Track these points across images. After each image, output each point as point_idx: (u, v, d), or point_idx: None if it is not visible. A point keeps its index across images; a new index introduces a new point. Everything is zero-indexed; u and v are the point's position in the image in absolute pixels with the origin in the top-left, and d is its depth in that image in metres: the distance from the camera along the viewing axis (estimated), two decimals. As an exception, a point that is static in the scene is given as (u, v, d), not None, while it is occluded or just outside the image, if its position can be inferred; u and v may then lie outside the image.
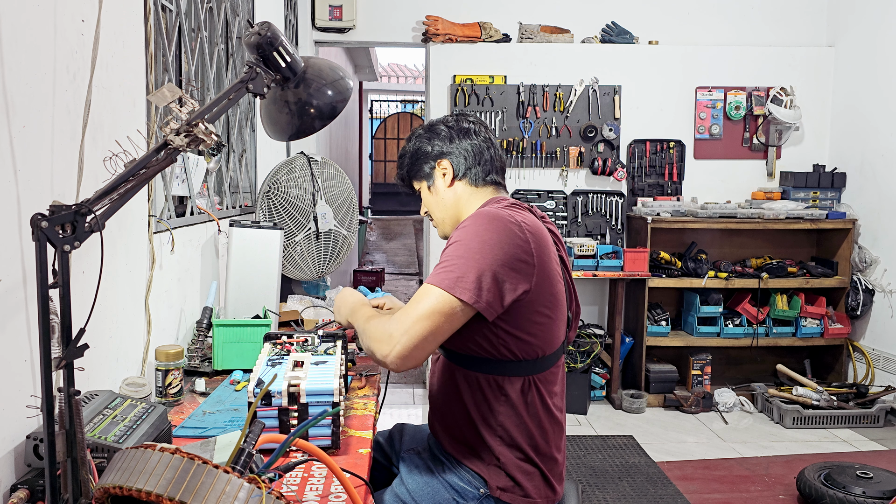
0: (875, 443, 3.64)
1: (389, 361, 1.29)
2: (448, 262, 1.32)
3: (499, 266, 1.31)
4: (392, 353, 1.28)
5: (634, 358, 4.31)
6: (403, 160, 1.62)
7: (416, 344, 1.29)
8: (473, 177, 1.53)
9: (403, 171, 1.62)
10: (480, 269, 1.30)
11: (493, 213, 1.37)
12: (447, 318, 1.30)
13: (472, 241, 1.32)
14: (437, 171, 1.55)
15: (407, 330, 1.28)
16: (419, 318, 1.28)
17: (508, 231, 1.33)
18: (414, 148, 1.58)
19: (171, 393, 1.59)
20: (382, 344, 1.29)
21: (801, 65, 4.50)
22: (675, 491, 3.02)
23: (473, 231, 1.34)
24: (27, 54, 1.15)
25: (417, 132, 1.61)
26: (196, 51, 2.32)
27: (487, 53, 4.42)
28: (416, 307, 1.29)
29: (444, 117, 1.60)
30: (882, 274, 4.08)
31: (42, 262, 0.87)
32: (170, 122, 1.01)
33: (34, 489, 1.05)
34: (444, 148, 1.54)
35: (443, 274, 1.31)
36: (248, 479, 0.79)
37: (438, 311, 1.29)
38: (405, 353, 1.29)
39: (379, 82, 12.06)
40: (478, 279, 1.29)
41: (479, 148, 1.54)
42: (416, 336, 1.28)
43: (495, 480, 1.42)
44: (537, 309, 1.38)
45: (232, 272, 2.13)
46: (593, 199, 4.46)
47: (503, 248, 1.31)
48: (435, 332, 1.30)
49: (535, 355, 1.42)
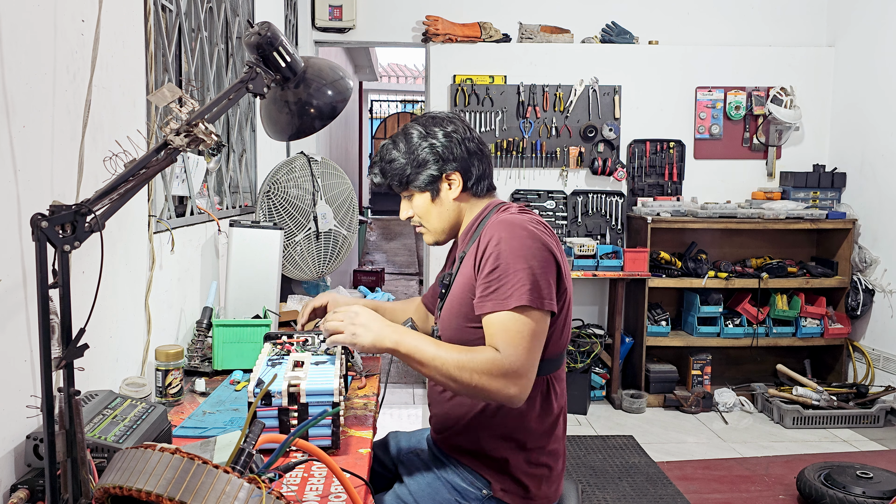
0: (875, 443, 3.64)
1: (519, 400, 1.29)
2: (509, 276, 1.31)
3: (548, 269, 1.33)
4: (523, 391, 1.28)
5: (634, 358, 4.31)
6: (399, 165, 1.48)
7: (535, 372, 1.31)
8: (480, 188, 1.51)
9: (403, 178, 1.48)
10: (544, 276, 1.32)
11: (520, 220, 1.38)
12: (544, 333, 1.33)
13: (519, 251, 1.32)
14: (444, 184, 1.48)
15: (528, 361, 1.28)
16: (532, 347, 1.29)
17: (542, 233, 1.36)
18: (421, 158, 1.46)
19: (171, 393, 1.59)
20: (507, 382, 1.26)
21: (801, 65, 4.50)
22: (675, 491, 3.02)
23: (518, 243, 1.33)
24: (27, 54, 1.15)
25: (415, 141, 1.48)
26: (196, 51, 2.32)
27: (487, 53, 4.42)
28: (521, 335, 1.28)
29: (442, 124, 1.48)
30: (882, 274, 4.08)
31: (42, 262, 0.87)
32: (170, 122, 1.01)
33: (34, 489, 1.05)
34: (454, 161, 1.46)
35: (517, 291, 1.29)
36: (248, 479, 0.79)
37: (541, 330, 1.32)
38: (530, 385, 1.30)
39: (379, 82, 12.06)
40: (548, 285, 1.32)
41: (488, 160, 1.52)
42: (535, 364, 1.30)
43: (499, 482, 1.42)
44: (565, 305, 1.41)
45: (232, 272, 2.13)
46: (593, 199, 4.46)
47: (543, 254, 1.33)
48: (540, 351, 1.32)
49: (556, 353, 1.42)
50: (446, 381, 1.29)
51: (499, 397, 1.27)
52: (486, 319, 1.32)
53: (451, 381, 1.28)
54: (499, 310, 1.30)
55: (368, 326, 1.33)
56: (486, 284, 1.33)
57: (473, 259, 1.40)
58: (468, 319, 1.38)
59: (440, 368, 1.28)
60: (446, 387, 1.31)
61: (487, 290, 1.32)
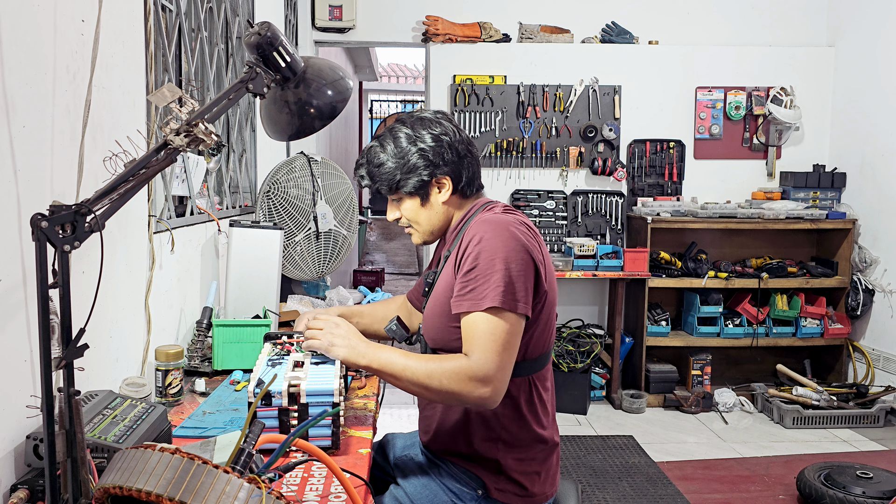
0: (875, 443, 3.64)
1: (493, 402, 1.29)
2: (486, 276, 1.31)
3: (527, 272, 1.33)
4: (496, 392, 1.28)
5: (634, 358, 4.31)
6: (388, 170, 1.45)
7: (509, 373, 1.31)
8: (469, 190, 1.51)
9: (393, 183, 1.46)
10: (521, 278, 1.31)
11: (503, 221, 1.37)
12: (518, 335, 1.32)
13: (498, 252, 1.32)
14: (434, 188, 1.47)
15: (498, 364, 1.28)
16: (503, 348, 1.28)
17: (524, 235, 1.36)
18: (412, 164, 1.44)
19: (171, 393, 1.59)
20: (478, 385, 1.27)
21: (801, 65, 4.50)
22: (675, 491, 3.02)
23: (498, 244, 1.33)
24: (27, 54, 1.15)
25: (404, 145, 1.44)
26: (196, 51, 2.32)
27: (487, 53, 4.42)
28: (493, 336, 1.28)
29: (430, 126, 1.45)
30: (882, 274, 4.08)
31: (42, 262, 0.87)
32: (170, 122, 1.01)
33: (34, 489, 1.05)
34: (444, 165, 1.45)
35: (492, 292, 1.29)
36: (248, 479, 0.79)
37: (515, 332, 1.31)
38: (503, 387, 1.30)
39: (379, 82, 12.06)
40: (524, 288, 1.31)
41: (477, 161, 1.51)
42: (508, 366, 1.30)
43: (494, 482, 1.42)
44: (548, 304, 1.41)
45: (232, 272, 2.13)
46: (593, 199, 4.46)
47: (522, 255, 1.33)
48: (515, 352, 1.32)
49: (539, 353, 1.42)
50: (420, 389, 1.32)
51: (471, 400, 1.29)
52: (463, 320, 1.34)
53: (424, 389, 1.31)
54: (474, 310, 1.30)
55: (346, 339, 1.40)
56: (464, 284, 1.33)
57: (455, 258, 1.40)
58: (451, 318, 1.39)
59: (411, 378, 1.31)
60: (421, 396, 1.35)
61: (464, 289, 1.33)
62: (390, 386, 1.42)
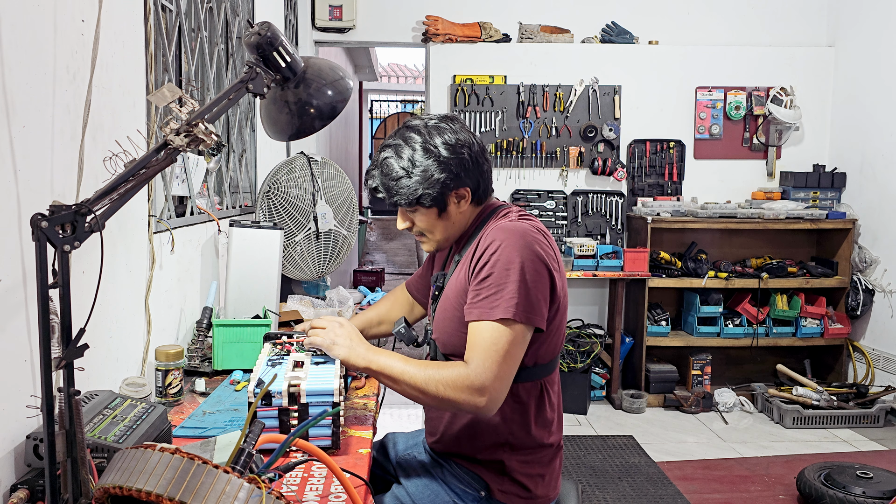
0: (875, 443, 3.64)
1: (489, 410, 1.29)
2: (500, 286, 1.30)
3: (541, 282, 1.32)
4: (492, 402, 1.28)
5: (634, 358, 4.31)
6: (406, 185, 1.39)
7: (508, 383, 1.30)
8: (484, 196, 1.49)
9: (413, 198, 1.39)
10: (536, 289, 1.31)
11: (520, 229, 1.36)
12: (523, 346, 1.32)
13: (514, 262, 1.31)
14: (452, 199, 1.42)
15: (497, 375, 1.27)
16: (504, 359, 1.28)
17: (540, 244, 1.35)
18: (434, 179, 1.37)
19: (171, 393, 1.59)
20: (474, 395, 1.26)
21: (801, 65, 4.50)
22: (675, 491, 3.02)
23: (514, 254, 1.31)
24: (27, 54, 1.15)
25: (421, 158, 1.38)
26: (196, 51, 2.32)
27: (487, 53, 4.42)
28: (494, 346, 1.27)
29: (444, 134, 1.39)
30: (882, 274, 4.08)
31: (42, 262, 0.87)
32: (170, 122, 1.01)
33: (34, 489, 1.05)
34: (465, 176, 1.40)
35: (505, 303, 1.28)
36: (248, 479, 0.79)
37: (521, 343, 1.31)
38: (500, 397, 1.29)
39: (379, 82, 12.06)
40: (538, 299, 1.31)
41: (490, 165, 1.48)
42: (507, 376, 1.29)
43: (497, 483, 1.42)
44: (561, 311, 1.41)
45: (232, 272, 2.13)
46: (593, 199, 4.46)
47: (538, 266, 1.32)
48: (517, 363, 1.31)
49: (550, 358, 1.43)
50: (417, 394, 1.32)
51: (467, 408, 1.29)
52: (471, 326, 1.33)
53: (421, 394, 1.31)
54: (484, 319, 1.30)
55: (347, 339, 1.41)
56: (477, 291, 1.33)
57: (469, 263, 1.39)
58: (462, 324, 1.37)
59: (409, 383, 1.31)
60: (418, 401, 1.35)
61: (477, 297, 1.32)
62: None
